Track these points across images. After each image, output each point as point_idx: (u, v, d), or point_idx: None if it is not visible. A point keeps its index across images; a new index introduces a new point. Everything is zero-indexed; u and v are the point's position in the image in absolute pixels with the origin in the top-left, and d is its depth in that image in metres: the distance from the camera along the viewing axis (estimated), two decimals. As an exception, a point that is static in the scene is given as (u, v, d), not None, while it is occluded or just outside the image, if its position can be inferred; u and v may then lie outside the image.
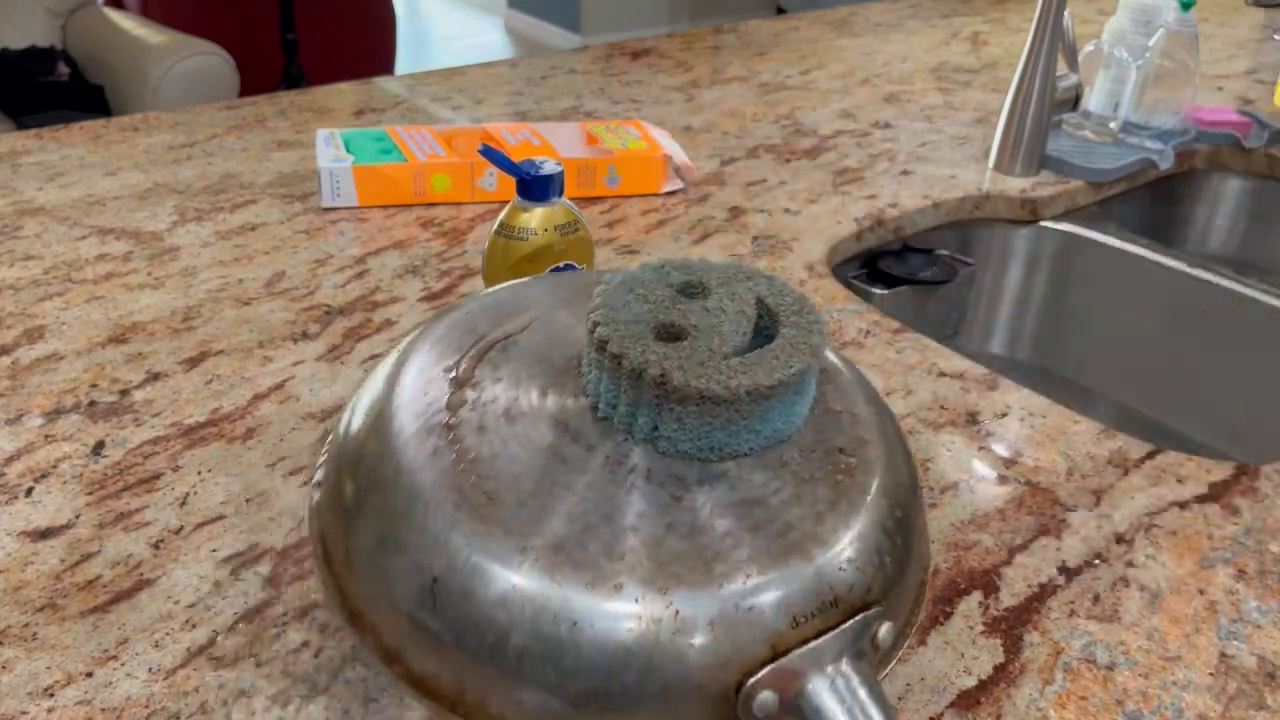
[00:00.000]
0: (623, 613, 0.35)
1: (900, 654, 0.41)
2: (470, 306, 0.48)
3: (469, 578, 0.36)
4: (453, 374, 0.43)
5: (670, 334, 0.41)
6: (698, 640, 0.35)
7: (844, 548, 0.38)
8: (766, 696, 0.36)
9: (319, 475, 0.43)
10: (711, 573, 0.36)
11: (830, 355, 0.48)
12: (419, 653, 0.37)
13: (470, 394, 0.42)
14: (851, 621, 0.37)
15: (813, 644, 0.36)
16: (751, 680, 0.35)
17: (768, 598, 0.36)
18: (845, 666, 0.37)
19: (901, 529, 0.41)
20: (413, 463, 0.39)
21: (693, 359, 0.39)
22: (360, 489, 0.40)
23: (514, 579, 0.36)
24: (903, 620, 0.41)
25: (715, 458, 0.40)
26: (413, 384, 0.42)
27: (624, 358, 0.39)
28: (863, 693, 0.36)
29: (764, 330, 0.42)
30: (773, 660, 0.36)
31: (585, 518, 0.37)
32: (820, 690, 0.36)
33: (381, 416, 0.41)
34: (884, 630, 0.38)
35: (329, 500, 0.42)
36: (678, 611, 0.35)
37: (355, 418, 0.43)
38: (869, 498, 0.40)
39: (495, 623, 0.35)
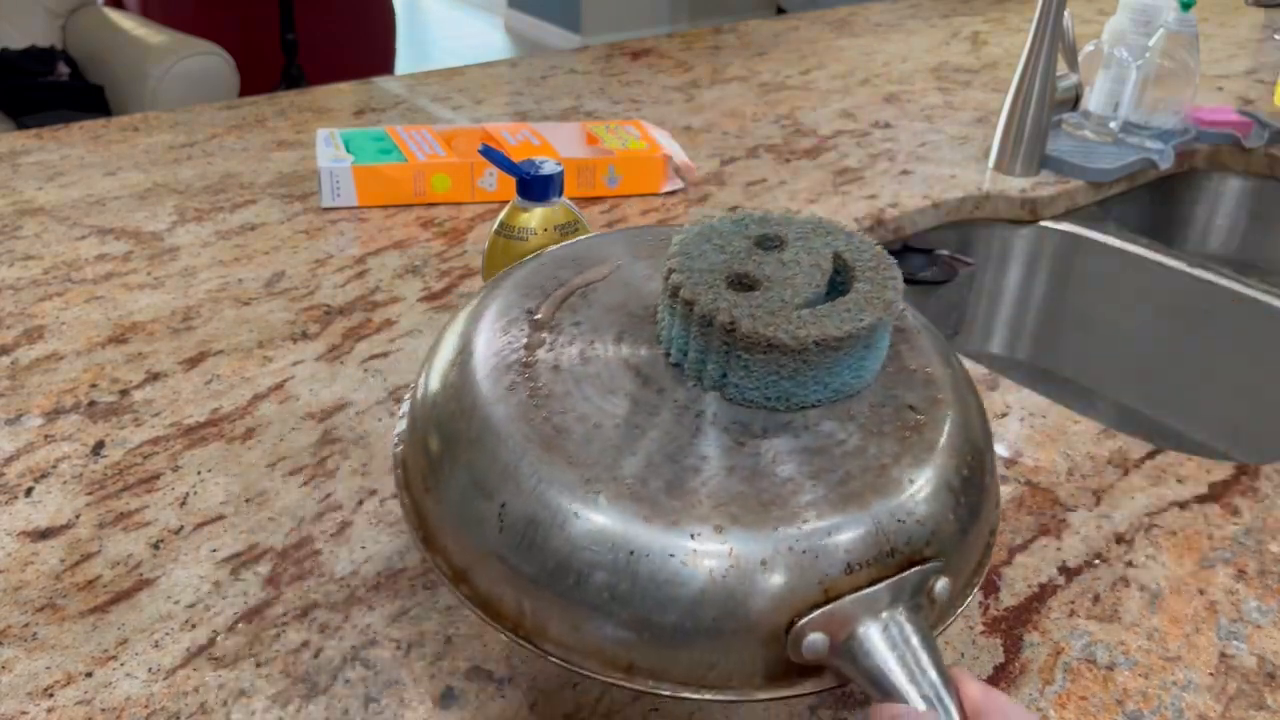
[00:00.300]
0: (678, 547, 0.36)
1: (959, 612, 0.41)
2: (555, 254, 0.49)
3: (534, 505, 0.37)
4: (534, 316, 0.45)
5: (743, 284, 0.42)
6: (750, 579, 0.36)
7: (904, 501, 0.38)
8: (816, 638, 0.36)
9: (404, 408, 0.45)
10: (768, 515, 0.37)
11: (910, 315, 0.48)
12: (485, 575, 0.39)
13: (548, 335, 0.43)
14: (907, 573, 0.38)
15: (866, 591, 0.37)
16: (802, 621, 0.36)
17: (823, 543, 0.37)
18: (900, 616, 0.37)
19: (967, 488, 0.41)
20: (488, 396, 0.41)
21: (763, 308, 0.40)
22: (439, 419, 0.42)
23: (576, 509, 0.37)
24: (963, 579, 0.41)
25: (783, 407, 0.41)
26: (495, 324, 0.44)
27: (695, 304, 0.40)
28: (915, 640, 0.36)
29: (840, 285, 0.43)
30: (825, 604, 0.36)
31: (649, 456, 0.38)
32: (872, 635, 0.36)
33: (464, 352, 0.43)
34: (940, 585, 0.38)
35: (411, 428, 0.44)
36: (732, 549, 0.36)
37: (440, 352, 0.45)
38: (934, 455, 0.40)
39: (557, 549, 0.37)
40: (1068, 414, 0.70)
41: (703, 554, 0.36)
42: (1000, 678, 0.50)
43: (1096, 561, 0.57)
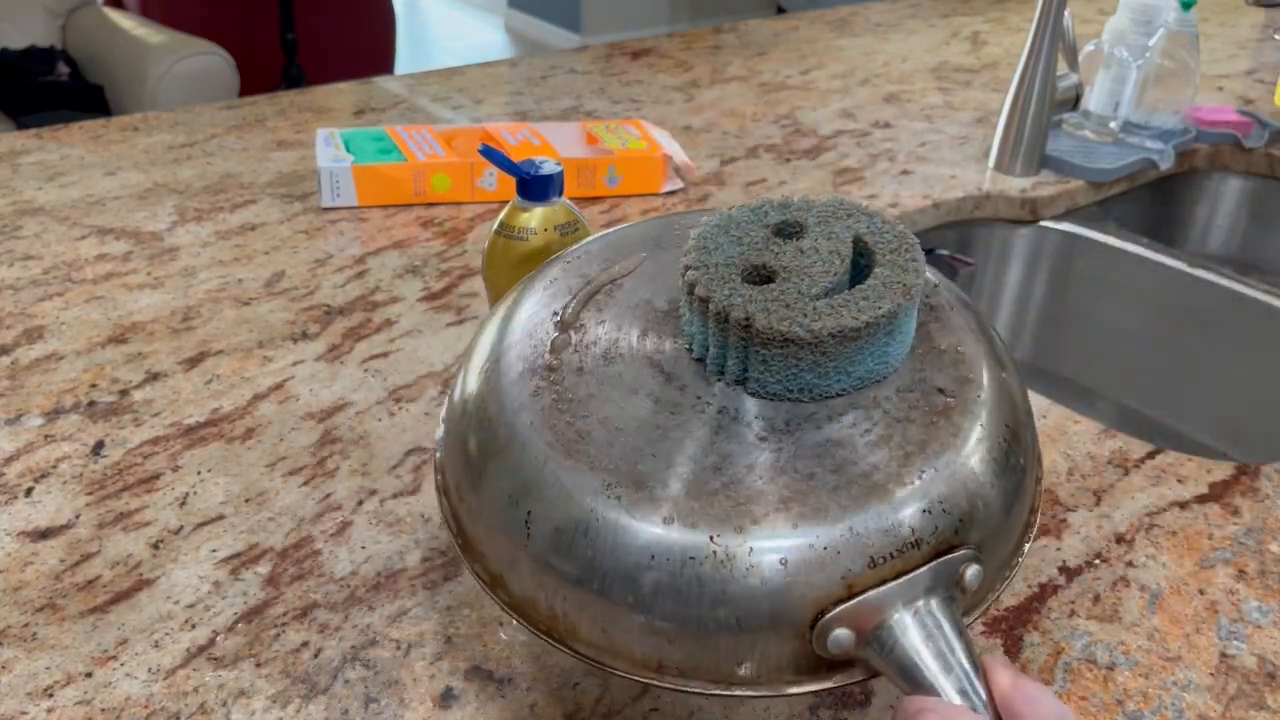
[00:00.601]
0: (698, 548, 0.36)
1: (996, 597, 0.41)
2: (584, 249, 0.49)
3: (558, 512, 0.38)
4: (559, 317, 0.45)
5: (760, 276, 0.41)
6: (771, 577, 0.36)
7: (929, 489, 0.38)
8: (841, 633, 0.36)
9: (444, 412, 0.46)
10: (788, 512, 0.37)
11: (945, 291, 0.47)
12: (518, 580, 0.39)
13: (574, 336, 0.44)
14: (933, 564, 0.37)
15: (890, 584, 0.36)
16: (826, 617, 0.36)
17: (844, 538, 0.36)
18: (931, 606, 0.36)
19: (1000, 470, 0.40)
20: (515, 402, 0.41)
21: (779, 301, 0.39)
22: (471, 426, 0.43)
23: (598, 514, 0.37)
24: (998, 562, 0.40)
25: (806, 399, 0.40)
26: (522, 327, 0.45)
27: (710, 300, 0.40)
28: (947, 630, 0.36)
29: (862, 268, 0.42)
30: (849, 599, 0.36)
31: (670, 457, 0.38)
32: (902, 627, 0.36)
33: (492, 357, 0.44)
34: (971, 573, 0.38)
35: (447, 433, 0.44)
36: (752, 548, 0.36)
37: (473, 356, 0.45)
38: (962, 439, 0.40)
39: (580, 554, 0.37)
40: (1068, 414, 0.70)
41: (722, 554, 0.36)
42: (1000, 678, 0.50)
43: (1097, 561, 0.57)
